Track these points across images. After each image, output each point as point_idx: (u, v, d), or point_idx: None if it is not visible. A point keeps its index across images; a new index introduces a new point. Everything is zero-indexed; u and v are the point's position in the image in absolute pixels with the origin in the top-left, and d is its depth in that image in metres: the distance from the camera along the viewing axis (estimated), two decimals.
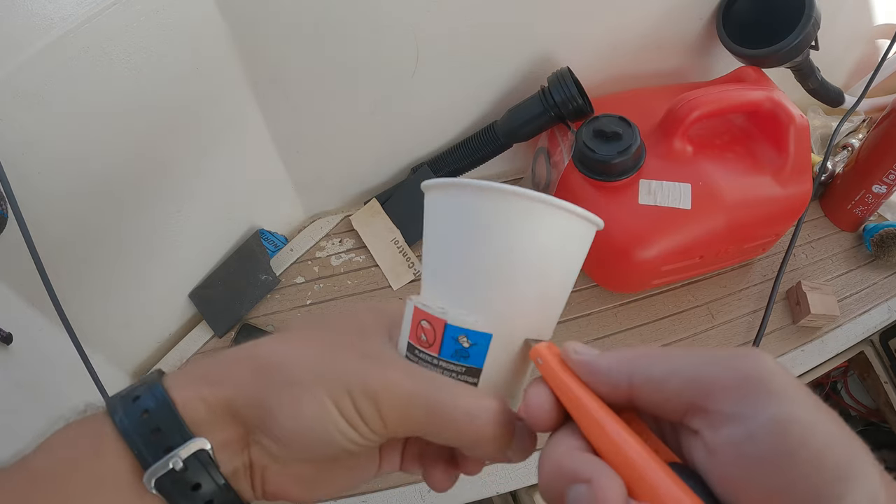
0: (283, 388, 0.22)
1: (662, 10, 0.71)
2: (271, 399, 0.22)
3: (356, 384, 0.21)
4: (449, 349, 0.22)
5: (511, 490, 0.61)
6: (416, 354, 0.23)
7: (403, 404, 0.22)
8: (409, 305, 0.24)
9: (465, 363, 0.22)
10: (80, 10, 0.45)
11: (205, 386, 0.23)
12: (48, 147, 0.48)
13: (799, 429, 0.16)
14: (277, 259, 0.77)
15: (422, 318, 0.23)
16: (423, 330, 0.23)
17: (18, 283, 0.50)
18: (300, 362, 0.23)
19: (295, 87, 0.64)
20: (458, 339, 0.22)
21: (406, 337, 0.24)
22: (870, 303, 0.72)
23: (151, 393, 0.23)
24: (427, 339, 0.23)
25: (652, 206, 0.62)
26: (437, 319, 0.22)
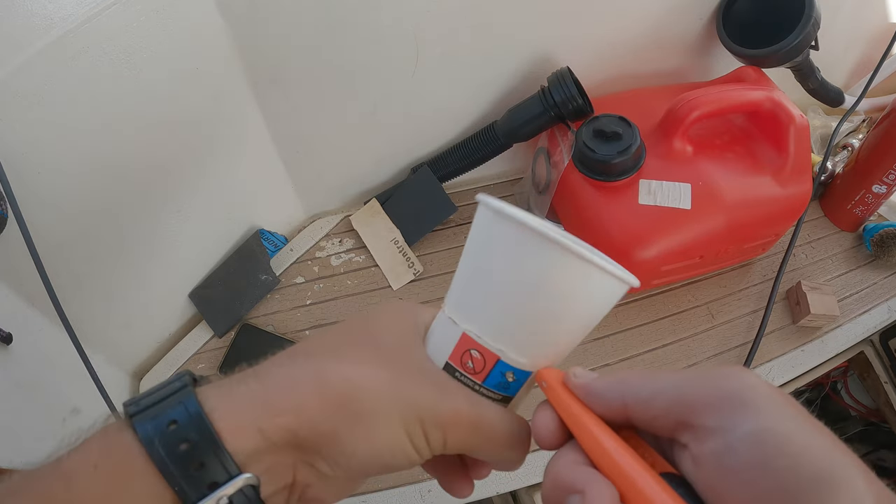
0: (357, 418, 0.22)
1: (662, 10, 0.71)
2: (343, 429, 0.22)
3: (428, 414, 0.23)
4: (494, 380, 0.25)
5: (511, 490, 0.61)
6: (457, 377, 0.25)
7: (468, 432, 0.24)
8: (453, 329, 0.24)
9: (503, 393, 0.25)
10: (80, 10, 0.45)
11: (265, 414, 0.21)
12: (48, 147, 0.48)
13: (776, 439, 0.16)
14: (277, 259, 0.77)
15: (472, 347, 0.24)
16: (472, 358, 0.24)
17: (18, 283, 0.50)
18: (373, 391, 0.22)
19: (295, 87, 0.64)
20: (505, 374, 0.25)
21: (445, 357, 0.25)
22: (870, 303, 0.72)
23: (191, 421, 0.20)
24: (474, 368, 0.24)
25: (652, 206, 0.62)
26: (491, 354, 0.24)
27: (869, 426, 0.89)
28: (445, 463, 0.27)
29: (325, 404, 0.22)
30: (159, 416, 0.20)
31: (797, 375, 0.68)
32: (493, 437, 0.24)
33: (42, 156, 0.48)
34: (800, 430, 0.17)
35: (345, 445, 0.22)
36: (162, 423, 0.20)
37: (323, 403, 0.22)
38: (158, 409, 0.21)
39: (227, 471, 0.20)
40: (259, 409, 0.21)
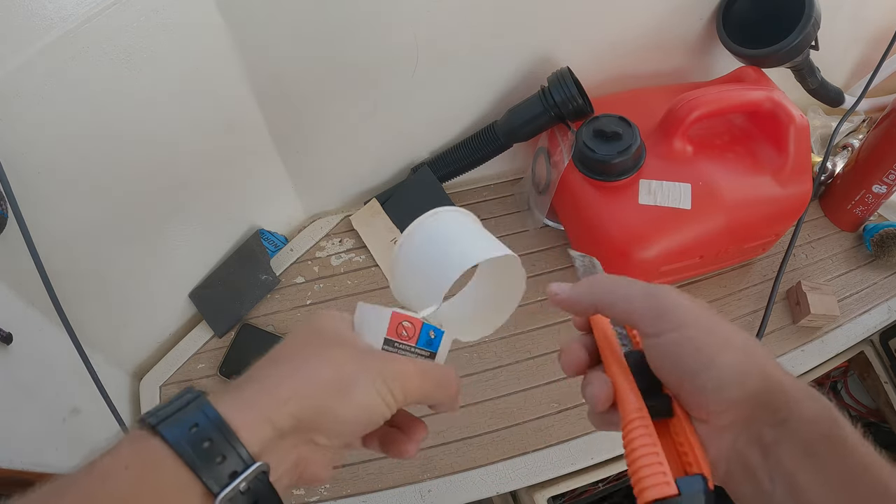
0: (343, 390, 0.27)
1: (662, 10, 0.71)
2: (333, 402, 0.27)
3: (387, 374, 0.29)
4: (423, 340, 0.33)
5: (511, 490, 0.61)
6: (395, 346, 0.33)
7: (419, 382, 0.30)
8: (384, 312, 0.32)
9: (430, 349, 0.34)
10: (80, 10, 0.45)
11: (272, 406, 0.26)
12: (48, 147, 0.48)
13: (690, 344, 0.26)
14: (277, 259, 0.77)
15: (402, 319, 0.32)
16: (405, 328, 0.33)
17: (18, 283, 0.50)
18: (348, 369, 0.28)
19: (295, 87, 0.64)
20: (429, 332, 0.33)
21: (383, 334, 0.32)
22: (870, 303, 0.72)
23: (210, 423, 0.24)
24: (408, 334, 0.33)
25: (652, 206, 0.62)
26: (417, 320, 0.33)
27: (869, 426, 0.89)
28: (387, 434, 0.33)
29: (318, 387, 0.27)
30: (182, 421, 0.24)
31: (797, 375, 0.68)
32: (432, 380, 0.31)
33: (42, 156, 0.48)
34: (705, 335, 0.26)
35: (336, 413, 0.27)
36: (185, 427, 0.24)
37: (316, 387, 0.27)
38: (179, 416, 0.24)
39: (243, 461, 0.24)
40: (266, 402, 0.26)
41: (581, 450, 0.62)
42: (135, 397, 0.68)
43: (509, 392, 0.66)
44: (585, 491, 0.75)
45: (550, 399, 0.65)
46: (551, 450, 0.62)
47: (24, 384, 0.51)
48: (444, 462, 0.62)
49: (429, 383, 0.31)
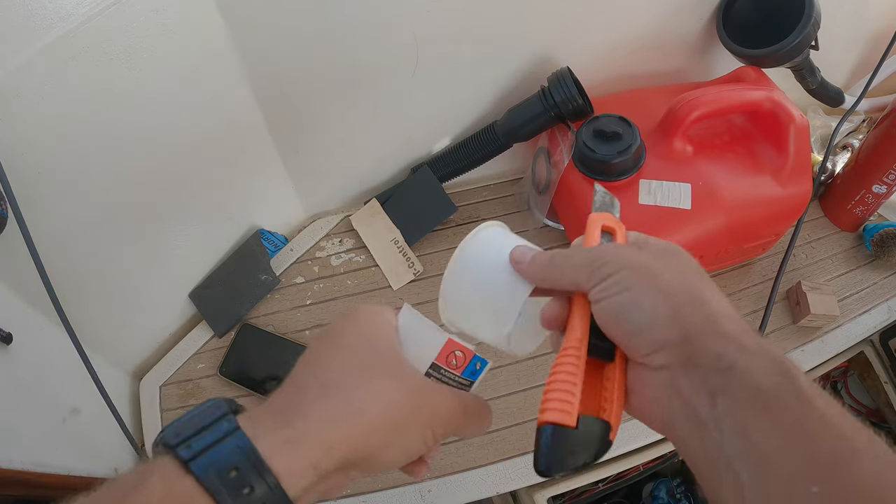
0: (391, 436, 0.27)
1: (662, 10, 0.71)
2: (381, 447, 0.27)
3: (438, 421, 0.29)
4: (469, 371, 0.33)
5: (511, 490, 0.61)
6: (441, 372, 0.32)
7: (458, 420, 0.30)
8: (439, 336, 0.32)
9: (471, 379, 0.34)
10: (80, 10, 0.45)
11: (320, 454, 0.25)
12: (48, 147, 0.48)
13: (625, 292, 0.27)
14: (277, 259, 0.77)
15: (456, 348, 0.32)
16: (456, 357, 0.32)
17: (18, 283, 0.50)
18: (400, 412, 0.28)
19: (295, 86, 0.64)
20: (476, 364, 0.33)
21: (431, 359, 0.32)
22: (870, 303, 0.72)
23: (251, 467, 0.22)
24: (457, 364, 0.33)
25: (652, 206, 0.62)
26: (470, 351, 0.33)
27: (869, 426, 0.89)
28: None
29: (368, 433, 0.26)
30: (219, 461, 0.22)
31: None
32: (473, 417, 0.31)
33: (42, 156, 0.48)
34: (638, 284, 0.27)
35: (381, 457, 0.27)
36: (223, 470, 0.22)
37: (366, 433, 0.26)
38: (216, 455, 0.23)
39: None
40: (314, 447, 0.25)
41: None
42: (135, 397, 0.68)
43: (509, 392, 0.66)
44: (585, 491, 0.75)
45: None
46: None
47: (24, 384, 0.51)
48: (444, 462, 0.62)
49: (468, 420, 0.31)
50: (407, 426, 0.28)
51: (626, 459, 0.64)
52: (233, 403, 0.26)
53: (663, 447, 0.64)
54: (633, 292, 0.27)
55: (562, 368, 0.27)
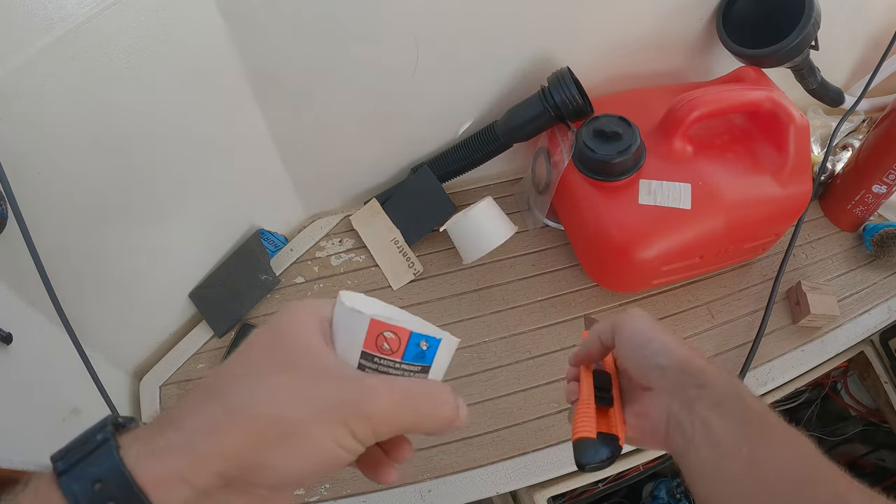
0: (281, 443, 0.23)
1: (662, 10, 0.71)
2: (270, 457, 0.23)
3: (352, 414, 0.24)
4: (411, 353, 0.27)
5: (511, 490, 0.61)
6: (376, 361, 0.26)
7: (394, 416, 0.25)
8: (360, 318, 0.26)
9: (421, 363, 0.27)
10: (80, 10, 0.45)
11: (189, 465, 0.22)
12: (48, 147, 0.48)
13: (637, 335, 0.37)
14: (277, 259, 0.77)
15: (383, 329, 0.26)
16: (387, 339, 0.26)
17: (18, 283, 0.50)
18: (291, 414, 0.23)
19: (295, 87, 0.64)
20: (419, 344, 0.27)
21: (359, 347, 0.26)
22: (870, 303, 0.72)
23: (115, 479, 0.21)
24: (391, 348, 0.26)
25: (652, 206, 0.62)
26: (403, 330, 0.26)
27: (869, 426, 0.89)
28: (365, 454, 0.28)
29: (247, 441, 0.22)
30: (84, 474, 0.21)
31: (797, 375, 0.68)
32: (417, 408, 0.26)
33: (42, 156, 0.48)
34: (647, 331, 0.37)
35: (275, 469, 0.23)
36: (87, 483, 0.21)
37: (245, 440, 0.22)
38: (84, 467, 0.21)
39: None
40: (182, 460, 0.22)
41: None
42: (135, 397, 0.68)
43: (509, 392, 0.66)
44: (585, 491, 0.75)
45: (550, 399, 0.65)
46: (551, 450, 0.62)
47: (24, 384, 0.51)
48: (444, 462, 0.62)
49: (408, 414, 0.26)
50: (304, 427, 0.23)
51: (626, 459, 0.64)
52: (128, 419, 0.24)
53: None
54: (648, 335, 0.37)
55: (581, 410, 0.37)
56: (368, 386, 0.25)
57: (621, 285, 0.72)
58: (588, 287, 0.74)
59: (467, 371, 0.68)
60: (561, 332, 0.70)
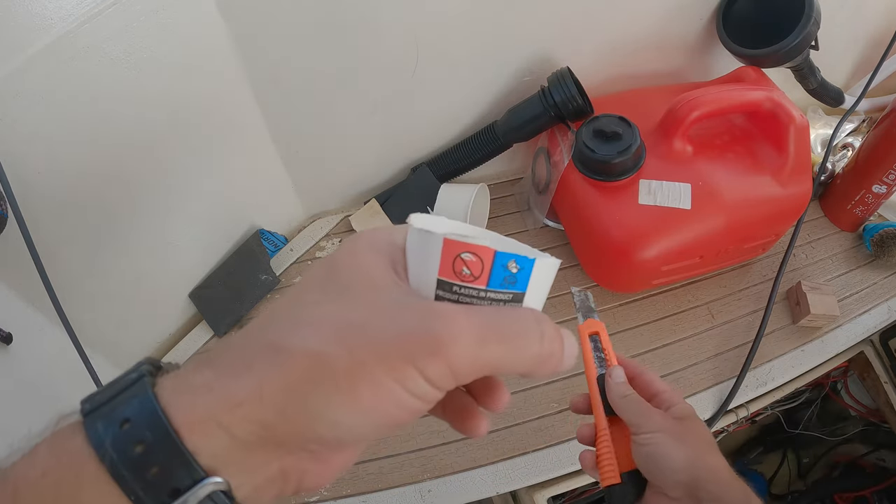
0: (330, 385, 0.19)
1: (662, 11, 0.71)
2: (317, 403, 0.19)
3: (421, 349, 0.19)
4: (498, 279, 0.21)
5: (511, 490, 0.61)
6: (455, 291, 0.21)
7: (477, 351, 0.20)
8: (432, 239, 0.21)
9: (513, 290, 0.22)
10: (80, 10, 0.45)
11: (222, 407, 0.18)
12: (48, 147, 0.48)
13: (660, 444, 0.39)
14: (277, 259, 0.77)
15: (462, 249, 0.21)
16: (466, 263, 0.21)
17: (18, 283, 0.50)
18: (342, 345, 0.19)
19: (295, 86, 0.64)
20: (507, 265, 0.21)
21: (434, 276, 0.21)
22: (870, 303, 0.72)
23: (146, 418, 0.18)
24: (472, 273, 0.21)
25: (652, 206, 0.62)
26: (485, 249, 0.21)
27: (869, 426, 0.89)
28: (452, 401, 0.25)
29: (287, 381, 0.19)
30: (111, 413, 0.18)
31: (797, 375, 0.68)
32: (506, 338, 0.21)
33: (42, 156, 0.48)
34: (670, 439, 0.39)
35: (327, 419, 0.19)
36: (114, 423, 0.18)
37: (285, 381, 0.19)
38: (112, 406, 0.18)
39: (190, 475, 0.17)
40: (216, 401, 0.18)
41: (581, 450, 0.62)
42: None
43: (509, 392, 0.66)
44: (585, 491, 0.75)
45: (550, 399, 0.65)
46: (551, 450, 0.62)
47: (24, 384, 0.51)
48: (444, 462, 0.62)
49: (495, 348, 0.20)
50: (358, 366, 0.19)
51: None
52: (170, 365, 0.22)
53: None
54: (665, 447, 0.38)
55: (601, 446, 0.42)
56: (442, 314, 0.20)
57: (621, 285, 0.72)
58: (588, 287, 0.74)
59: None
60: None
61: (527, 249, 0.23)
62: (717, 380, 0.66)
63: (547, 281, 0.23)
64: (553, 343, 0.22)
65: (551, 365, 0.22)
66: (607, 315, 0.72)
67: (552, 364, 0.22)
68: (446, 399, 0.23)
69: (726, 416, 0.65)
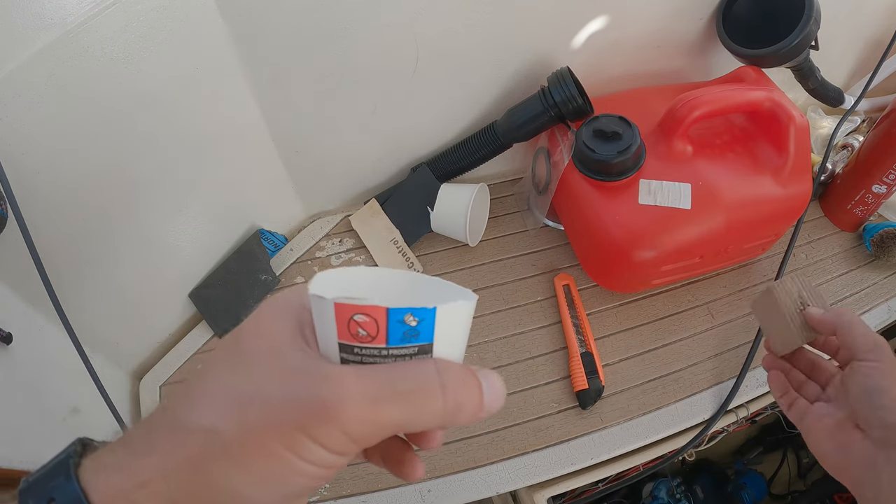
0: (226, 458, 0.19)
1: (662, 11, 0.71)
2: (219, 477, 0.19)
3: (310, 417, 0.19)
4: (397, 334, 0.21)
5: (511, 490, 0.61)
6: (357, 353, 0.21)
7: (371, 414, 0.20)
8: (325, 305, 0.20)
9: (417, 343, 0.21)
10: (81, 10, 0.45)
11: (132, 484, 0.20)
12: (48, 147, 0.48)
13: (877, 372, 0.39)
14: (277, 259, 0.77)
15: (353, 312, 0.20)
16: (361, 324, 0.20)
17: (18, 283, 0.50)
18: (233, 417, 0.19)
19: (295, 87, 0.64)
20: (404, 320, 0.21)
21: (335, 340, 0.21)
22: (870, 303, 0.72)
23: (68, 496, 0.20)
24: (369, 333, 0.20)
25: (652, 206, 0.62)
26: (377, 308, 0.20)
27: None
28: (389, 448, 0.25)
29: (185, 458, 0.19)
30: (40, 492, 0.20)
31: None
32: (408, 399, 0.20)
33: (42, 156, 0.48)
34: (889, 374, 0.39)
35: (230, 492, 0.20)
36: (42, 500, 0.20)
37: (183, 457, 0.19)
38: (41, 485, 0.20)
39: None
40: (125, 479, 0.20)
41: (581, 450, 0.62)
42: (135, 397, 0.68)
43: (509, 392, 0.66)
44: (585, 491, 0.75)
45: (550, 399, 0.65)
46: (551, 450, 0.62)
47: (24, 384, 0.51)
48: (444, 462, 0.62)
49: (391, 408, 0.20)
50: (248, 438, 0.19)
51: (626, 459, 0.63)
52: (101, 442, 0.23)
53: (663, 447, 0.64)
54: (884, 381, 0.38)
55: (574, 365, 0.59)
56: (331, 378, 0.20)
57: (621, 285, 0.72)
58: (588, 287, 0.74)
59: None
60: (561, 332, 0.70)
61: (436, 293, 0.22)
62: (717, 380, 0.66)
63: (460, 324, 0.22)
64: (459, 393, 0.21)
65: (466, 415, 0.21)
66: (607, 315, 0.72)
67: (466, 414, 0.21)
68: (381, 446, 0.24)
69: (726, 416, 0.65)
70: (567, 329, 0.69)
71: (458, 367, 0.21)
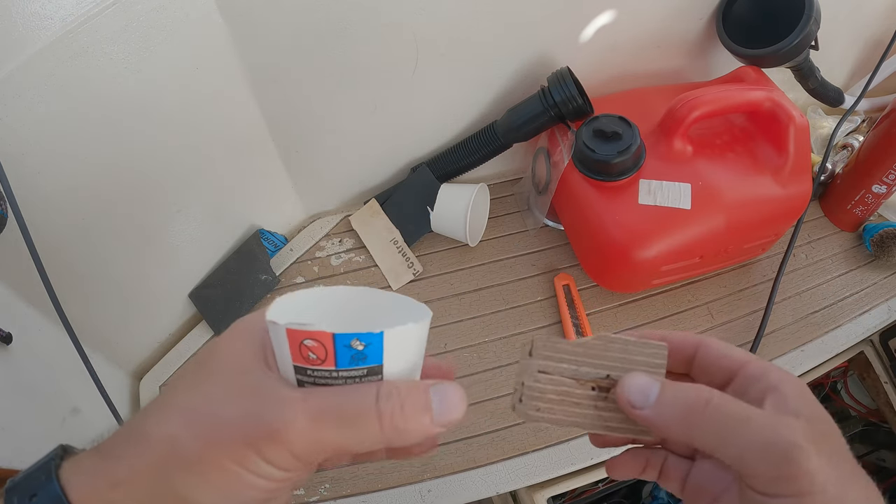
0: (185, 468, 0.21)
1: (662, 11, 0.71)
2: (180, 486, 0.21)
3: (257, 434, 0.21)
4: (345, 358, 0.22)
5: (511, 490, 0.61)
6: (310, 375, 0.22)
7: (315, 434, 0.21)
8: (278, 330, 0.22)
9: (364, 365, 0.22)
10: (80, 10, 0.45)
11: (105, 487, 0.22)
12: (48, 147, 0.48)
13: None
14: (277, 259, 0.77)
15: (302, 338, 0.21)
16: (310, 349, 0.22)
17: (18, 283, 0.50)
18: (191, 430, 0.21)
19: (295, 86, 0.64)
20: (350, 344, 0.22)
21: (289, 361, 0.22)
22: (870, 303, 0.72)
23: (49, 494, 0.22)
24: (318, 357, 0.22)
25: (652, 206, 0.62)
26: (323, 334, 0.21)
27: (869, 426, 0.89)
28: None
29: (149, 464, 0.21)
30: (25, 489, 0.22)
31: (797, 375, 0.68)
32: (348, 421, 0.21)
33: (42, 156, 0.48)
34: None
35: (192, 499, 0.21)
36: (25, 497, 0.22)
37: (148, 462, 0.21)
38: (26, 484, 0.22)
39: None
40: (99, 481, 0.22)
41: (581, 450, 0.62)
42: (135, 397, 0.68)
43: (509, 392, 0.66)
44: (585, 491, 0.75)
45: None
46: (551, 450, 0.62)
47: (24, 384, 0.51)
48: (444, 462, 0.62)
49: (331, 429, 0.21)
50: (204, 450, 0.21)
51: None
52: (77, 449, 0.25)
53: None
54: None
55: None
56: (280, 399, 0.21)
57: (621, 285, 0.72)
58: (588, 287, 0.74)
59: (467, 371, 0.68)
60: (561, 332, 0.70)
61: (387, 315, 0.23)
62: None
63: (411, 344, 0.23)
64: (397, 417, 0.21)
65: (413, 435, 0.22)
66: (607, 315, 0.72)
67: (413, 434, 0.22)
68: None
69: None
70: (567, 329, 0.68)
71: (404, 389, 0.22)
